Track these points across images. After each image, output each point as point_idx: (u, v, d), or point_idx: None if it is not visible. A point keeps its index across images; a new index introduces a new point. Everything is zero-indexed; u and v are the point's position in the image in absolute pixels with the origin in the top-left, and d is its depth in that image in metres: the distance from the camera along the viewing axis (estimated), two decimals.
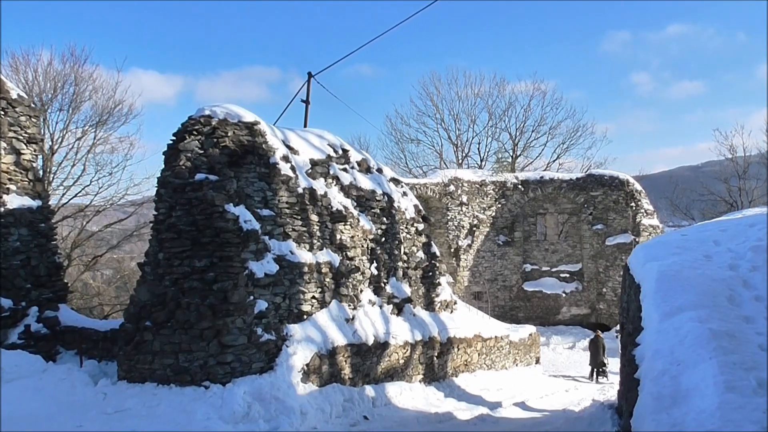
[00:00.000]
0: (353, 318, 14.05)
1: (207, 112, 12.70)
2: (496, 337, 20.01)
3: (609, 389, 18.98)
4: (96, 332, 13.87)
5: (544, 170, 42.63)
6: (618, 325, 22.15)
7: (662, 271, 7.31)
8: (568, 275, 33.39)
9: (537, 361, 23.76)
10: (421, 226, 17.90)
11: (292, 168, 13.32)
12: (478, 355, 18.75)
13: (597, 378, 23.48)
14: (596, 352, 23.81)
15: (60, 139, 28.17)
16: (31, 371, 11.83)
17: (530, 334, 23.24)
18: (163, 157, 12.61)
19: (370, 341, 14.01)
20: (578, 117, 58.12)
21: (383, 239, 15.96)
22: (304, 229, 13.35)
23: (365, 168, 16.33)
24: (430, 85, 48.74)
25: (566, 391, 19.53)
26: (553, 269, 33.62)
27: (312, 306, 13.19)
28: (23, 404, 10.89)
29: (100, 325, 14.49)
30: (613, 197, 32.48)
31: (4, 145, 13.87)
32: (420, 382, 15.72)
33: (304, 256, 13.11)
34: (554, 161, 47.03)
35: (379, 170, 17.08)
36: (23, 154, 14.31)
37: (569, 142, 46.94)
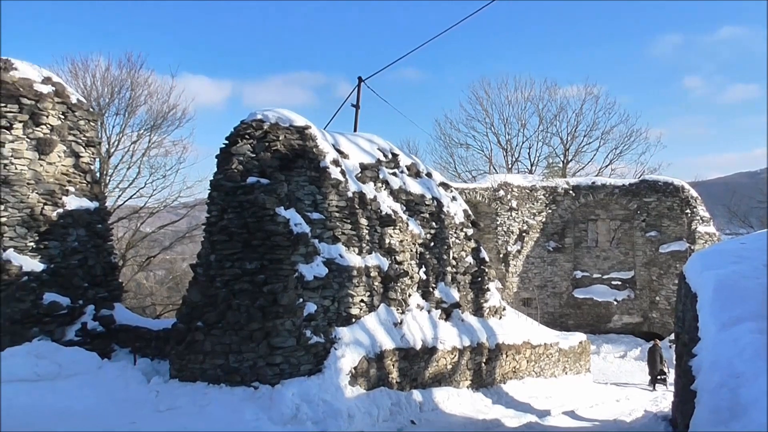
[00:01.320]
0: (401, 322, 14.05)
1: (259, 117, 12.88)
2: (545, 344, 19.77)
3: (662, 400, 18.58)
4: (149, 331, 14.15)
5: (596, 175, 42.03)
6: (672, 335, 21.66)
7: (720, 280, 7.14)
8: (619, 283, 32.80)
9: (587, 370, 23.40)
10: (470, 231, 17.82)
11: (342, 172, 13.41)
12: (527, 362, 18.56)
13: (655, 385, 23.22)
14: (654, 361, 23.62)
15: (116, 143, 28.93)
16: (88, 368, 12.14)
17: (580, 342, 22.90)
18: (216, 160, 12.82)
19: (418, 346, 14.00)
20: (632, 122, 57.00)
21: (432, 244, 15.94)
22: (354, 232, 13.42)
23: (414, 172, 16.34)
24: (479, 89, 48.57)
25: (617, 401, 19.18)
26: (605, 276, 33.07)
27: (360, 309, 13.24)
28: (80, 399, 11.20)
29: (153, 325, 14.79)
30: (668, 204, 31.78)
31: (63, 148, 14.29)
32: (468, 387, 15.63)
33: (353, 259, 13.17)
34: (606, 166, 46.34)
35: (429, 174, 17.06)
36: (82, 157, 14.72)
37: (622, 147, 46.18)
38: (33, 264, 13.41)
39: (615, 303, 32.28)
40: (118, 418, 10.46)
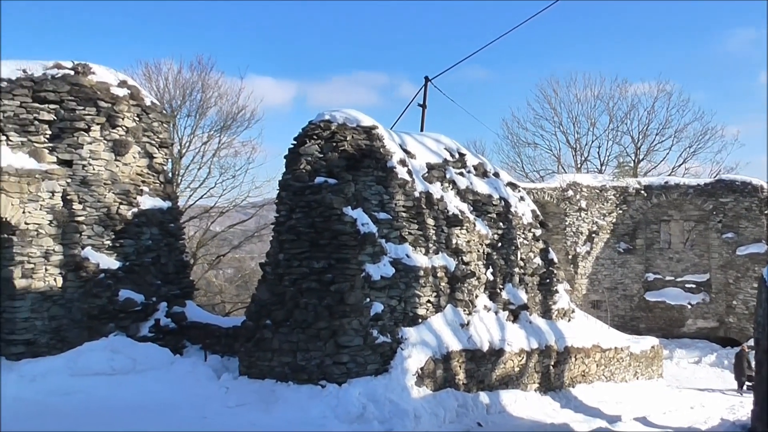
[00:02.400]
0: (468, 323, 13.94)
1: (326, 117, 12.99)
2: (615, 348, 19.31)
3: (739, 408, 17.89)
4: (219, 328, 14.42)
5: (669, 175, 40.80)
6: (751, 341, 20.89)
7: None
8: (693, 286, 31.75)
9: (659, 375, 22.75)
10: (538, 232, 17.56)
11: (409, 172, 13.39)
12: (597, 365, 18.16)
13: (743, 391, 22.48)
14: (741, 366, 22.90)
15: (188, 144, 29.66)
16: (161, 363, 12.46)
17: (652, 347, 22.27)
18: (284, 160, 13.00)
19: (485, 347, 13.86)
20: (706, 119, 55.08)
21: (499, 244, 15.76)
22: (420, 232, 13.38)
23: (482, 172, 16.19)
24: (547, 87, 47.47)
25: (691, 407, 18.55)
26: (678, 279, 32.06)
27: (427, 310, 13.19)
28: (153, 394, 11.51)
29: (223, 322, 15.08)
30: (746, 204, 30.58)
31: (138, 149, 14.70)
32: (535, 391, 15.40)
33: (420, 259, 13.13)
34: (680, 165, 44.88)
35: (496, 174, 16.89)
36: (155, 157, 15.12)
37: (696, 145, 44.62)
38: (109, 261, 13.85)
39: (689, 307, 31.27)
40: (190, 413, 10.70)
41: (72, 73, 13.85)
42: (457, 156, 15.51)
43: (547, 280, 17.37)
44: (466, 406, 12.73)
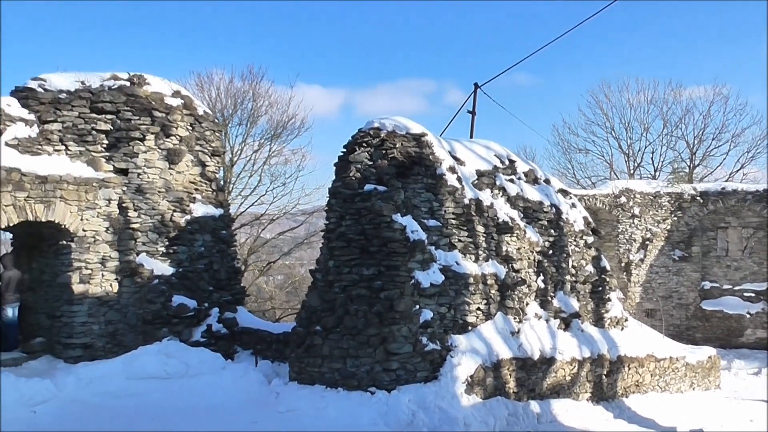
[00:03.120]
0: (518, 331, 13.80)
1: (376, 125, 13.04)
2: (670, 357, 18.87)
3: None
4: (270, 334, 14.56)
5: (726, 181, 39.74)
6: None
7: None
8: (753, 295, 30.82)
9: (717, 386, 22.14)
10: (590, 239, 17.30)
11: (459, 179, 13.34)
12: (651, 375, 17.77)
13: None
14: None
15: (239, 152, 30.10)
16: (213, 368, 12.64)
17: (709, 357, 21.69)
18: (334, 168, 13.09)
19: (536, 356, 13.70)
20: (765, 123, 53.52)
21: (550, 252, 15.57)
22: (470, 240, 13.31)
23: (532, 179, 16.04)
24: (599, 93, 46.72)
25: (750, 420, 18.01)
26: (736, 288, 31.17)
27: (477, 317, 13.11)
28: (206, 398, 11.69)
29: (274, 328, 15.22)
30: None
31: (191, 157, 14.98)
32: (587, 400, 15.13)
33: (470, 267, 13.06)
34: (737, 171, 43.68)
35: (547, 181, 16.71)
36: (208, 165, 15.39)
37: (755, 150, 43.41)
38: (163, 268, 14.13)
39: (748, 316, 30.36)
40: (241, 418, 10.84)
41: (128, 84, 14.21)
42: (507, 162, 15.40)
43: (600, 288, 17.08)
44: (517, 415, 12.58)
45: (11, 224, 12.32)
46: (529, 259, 14.74)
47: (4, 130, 12.75)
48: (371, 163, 12.54)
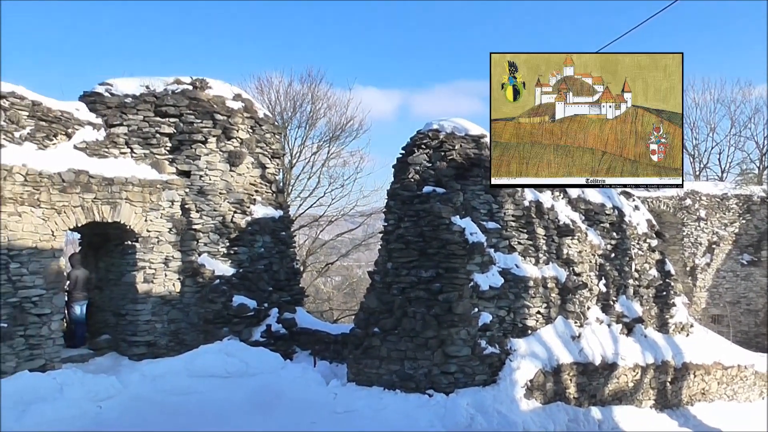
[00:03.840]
0: (579, 336, 13.54)
1: (435, 126, 12.99)
2: (739, 365, 18.24)
3: None
4: (328, 335, 14.64)
5: None
6: None
7: None
8: None
9: None
10: (654, 242, 16.86)
11: None
12: (718, 383, 17.21)
13: None
14: None
15: (298, 154, 30.32)
16: (272, 367, 12.74)
17: None
18: (392, 170, 13.07)
19: (597, 361, 13.41)
20: None
21: (612, 255, 15.24)
22: (530, 242, 13.13)
23: None
24: None
25: None
26: None
27: (536, 321, 12.91)
28: (265, 397, 11.75)
29: (332, 329, 15.29)
30: None
31: (252, 160, 15.18)
32: (651, 408, 14.75)
33: (530, 270, 12.87)
34: None
35: None
36: (267, 168, 15.57)
37: None
38: (224, 268, 14.35)
39: None
40: (299, 418, 10.89)
41: (191, 88, 14.49)
42: None
43: (664, 293, 16.63)
44: (577, 421, 12.35)
45: (79, 224, 12.69)
46: (590, 262, 14.46)
47: (73, 134, 13.16)
48: (430, 164, 12.49)
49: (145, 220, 13.65)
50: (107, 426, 10.06)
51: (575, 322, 13.64)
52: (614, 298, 15.00)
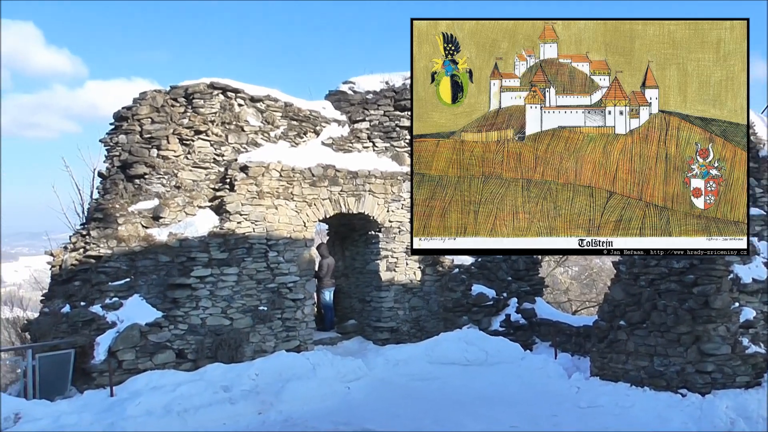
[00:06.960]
0: None
1: None
2: None
3: None
4: (569, 327, 14.18)
5: None
6: None
7: None
8: None
9: None
10: None
11: None
12: None
13: None
14: None
15: None
16: (512, 357, 12.62)
17: None
18: None
19: None
20: None
21: None
22: None
23: None
24: None
25: None
26: None
27: None
28: (504, 387, 11.70)
29: (573, 320, 14.80)
30: None
31: None
32: None
33: None
34: None
35: None
36: None
37: None
38: (463, 258, 14.49)
39: None
40: (539, 410, 10.65)
41: None
42: None
43: None
44: None
45: (327, 216, 13.50)
46: None
47: (320, 131, 14.03)
48: None
49: (387, 211, 14.16)
50: (355, 405, 10.59)
51: None
52: None
